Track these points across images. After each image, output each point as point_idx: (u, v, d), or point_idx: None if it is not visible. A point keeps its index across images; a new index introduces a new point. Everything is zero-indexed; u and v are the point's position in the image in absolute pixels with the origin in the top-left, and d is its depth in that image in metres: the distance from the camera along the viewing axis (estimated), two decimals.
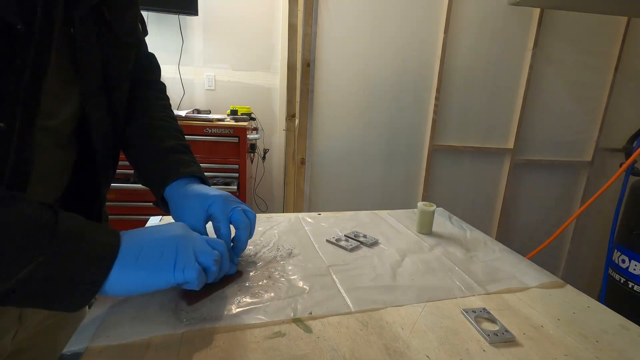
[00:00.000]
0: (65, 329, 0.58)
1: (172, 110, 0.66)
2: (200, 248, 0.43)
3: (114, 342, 0.38)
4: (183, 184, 0.55)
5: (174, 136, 0.61)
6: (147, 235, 0.41)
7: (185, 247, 0.42)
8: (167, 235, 0.42)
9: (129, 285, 0.38)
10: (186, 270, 0.40)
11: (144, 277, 0.38)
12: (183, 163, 0.57)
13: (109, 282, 0.37)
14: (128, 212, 1.89)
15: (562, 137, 2.00)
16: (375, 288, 0.52)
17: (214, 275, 0.44)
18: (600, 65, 1.92)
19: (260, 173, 2.56)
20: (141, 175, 0.60)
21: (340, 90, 1.73)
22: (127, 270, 0.38)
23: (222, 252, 0.46)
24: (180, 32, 2.26)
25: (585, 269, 2.24)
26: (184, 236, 0.43)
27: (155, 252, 0.40)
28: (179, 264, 0.40)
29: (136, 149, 0.60)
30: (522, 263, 0.63)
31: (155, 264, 0.39)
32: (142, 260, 0.39)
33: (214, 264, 0.43)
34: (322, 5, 1.62)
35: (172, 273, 0.39)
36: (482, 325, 0.45)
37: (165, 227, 0.44)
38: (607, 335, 0.45)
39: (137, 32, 0.57)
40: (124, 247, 0.39)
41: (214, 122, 1.92)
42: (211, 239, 0.47)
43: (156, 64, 0.67)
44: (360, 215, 0.82)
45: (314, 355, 0.38)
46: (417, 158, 1.89)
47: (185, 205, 0.53)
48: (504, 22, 1.78)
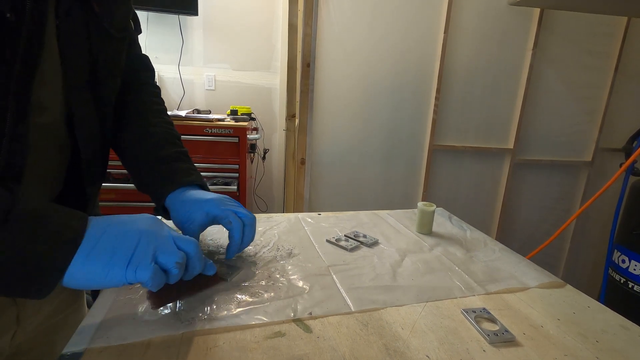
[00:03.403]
0: (64, 331, 0.57)
1: (168, 115, 0.65)
2: (163, 247, 0.39)
3: (114, 342, 0.38)
4: (182, 191, 0.56)
5: (172, 143, 0.60)
6: (109, 225, 0.38)
7: (146, 243, 0.38)
8: (131, 227, 0.38)
9: (78, 277, 0.34)
10: (139, 269, 0.36)
11: (94, 271, 0.35)
12: (182, 172, 0.58)
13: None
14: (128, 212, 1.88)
15: (562, 137, 2.00)
16: (375, 288, 0.52)
17: (176, 279, 0.40)
18: (600, 65, 1.92)
19: (260, 173, 2.56)
20: (139, 182, 0.59)
21: (340, 90, 1.73)
22: (79, 261, 0.34)
23: (191, 252, 0.41)
24: (180, 32, 2.26)
25: (585, 269, 2.24)
26: (148, 231, 0.39)
27: (111, 244, 0.36)
28: (134, 261, 0.36)
29: (133, 155, 0.59)
30: (522, 263, 0.63)
31: (108, 258, 0.35)
32: (96, 250, 0.35)
33: (175, 266, 0.38)
34: (322, 5, 1.62)
35: (124, 271, 0.35)
36: (482, 325, 0.45)
37: (133, 218, 0.40)
38: (607, 335, 0.45)
39: (129, 28, 0.56)
40: (88, 233, 0.35)
41: (214, 122, 1.92)
42: (181, 237, 0.42)
43: (150, 66, 0.67)
44: (360, 215, 0.82)
45: (314, 355, 0.38)
46: (417, 158, 1.89)
47: (183, 210, 0.53)
48: (504, 22, 1.78)
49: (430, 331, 0.43)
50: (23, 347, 0.51)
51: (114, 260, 0.36)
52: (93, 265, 0.35)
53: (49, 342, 0.56)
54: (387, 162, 1.86)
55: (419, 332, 0.43)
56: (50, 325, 0.55)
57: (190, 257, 0.42)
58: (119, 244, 0.36)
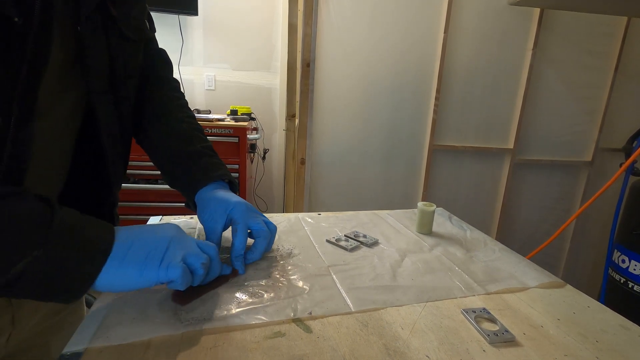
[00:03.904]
0: (61, 333, 0.57)
1: (189, 108, 0.67)
2: (190, 250, 0.43)
3: (114, 342, 0.38)
4: (211, 189, 0.58)
5: (198, 138, 0.62)
6: (140, 233, 0.42)
7: (175, 247, 0.42)
8: (159, 234, 0.42)
9: (114, 281, 0.38)
10: (170, 268, 0.39)
11: (129, 273, 0.38)
12: (212, 167, 0.60)
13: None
14: (128, 212, 1.89)
15: (562, 137, 2.00)
16: (375, 288, 0.52)
17: (200, 279, 0.44)
18: (600, 65, 1.92)
19: (260, 173, 2.56)
20: (170, 178, 0.62)
21: (340, 90, 1.73)
22: (114, 266, 0.37)
23: (212, 255, 0.46)
24: (180, 32, 2.26)
25: (585, 269, 2.24)
26: (175, 237, 0.43)
27: (144, 249, 0.40)
28: (165, 262, 0.40)
29: (162, 152, 0.61)
30: (522, 263, 0.63)
31: (142, 261, 0.39)
32: (130, 256, 0.39)
33: (201, 267, 0.43)
34: (322, 5, 1.62)
35: (157, 271, 0.39)
36: (482, 325, 0.45)
37: (159, 227, 0.44)
38: (607, 335, 0.45)
39: (145, 28, 0.57)
40: (117, 243, 0.39)
41: (214, 122, 1.93)
42: (203, 242, 0.47)
43: (168, 60, 0.68)
44: (360, 215, 0.82)
45: (314, 355, 0.38)
46: (417, 158, 1.89)
47: (208, 209, 0.55)
48: (504, 22, 1.78)
49: (430, 331, 0.43)
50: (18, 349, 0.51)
51: (147, 262, 0.39)
52: (128, 268, 0.38)
53: (44, 344, 0.55)
54: (387, 162, 1.86)
55: (419, 332, 0.43)
56: (47, 326, 0.55)
57: (211, 259, 0.46)
58: (151, 248, 0.40)
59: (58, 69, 0.42)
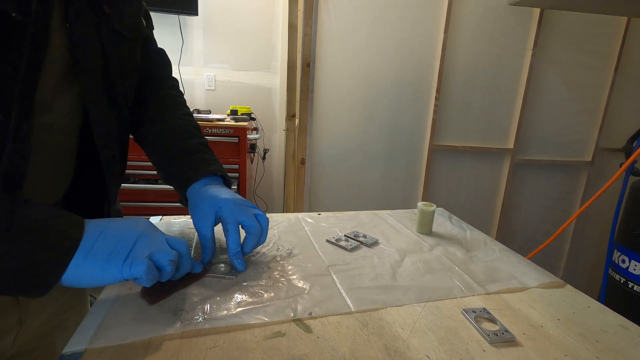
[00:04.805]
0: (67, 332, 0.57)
1: (187, 106, 0.67)
2: (158, 246, 0.42)
3: (114, 342, 0.38)
4: (202, 184, 0.57)
5: (193, 134, 0.62)
6: (108, 228, 0.40)
7: (143, 243, 0.41)
8: (129, 230, 0.41)
9: (76, 277, 0.37)
10: (134, 265, 0.38)
11: (91, 270, 0.37)
12: (204, 162, 0.59)
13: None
14: (128, 212, 1.89)
15: (562, 137, 2.00)
16: (375, 288, 0.52)
17: (168, 276, 0.43)
18: (600, 65, 1.92)
19: (260, 173, 2.56)
20: (163, 174, 0.61)
21: (340, 90, 1.73)
22: (78, 262, 0.37)
23: (182, 252, 0.45)
24: (180, 32, 2.26)
25: (585, 269, 2.24)
26: (143, 233, 0.42)
27: (109, 244, 0.39)
28: (129, 259, 0.39)
29: (158, 149, 0.61)
30: (522, 263, 0.63)
31: (106, 256, 0.38)
32: (93, 253, 0.38)
33: (169, 264, 0.42)
34: (322, 5, 1.62)
35: (120, 268, 0.38)
36: (482, 325, 0.45)
37: (130, 221, 0.43)
38: (607, 335, 0.45)
39: (141, 27, 0.56)
40: (85, 238, 0.38)
41: (214, 122, 1.92)
42: (173, 238, 0.46)
43: (166, 60, 0.67)
44: (360, 215, 0.82)
45: (314, 355, 0.38)
46: (417, 158, 1.89)
47: (197, 206, 0.54)
48: (504, 22, 1.78)
49: (430, 331, 0.43)
50: (25, 348, 0.51)
51: (111, 258, 0.38)
52: (91, 264, 0.37)
53: (50, 343, 0.56)
54: (387, 162, 1.86)
55: (419, 332, 0.43)
56: (53, 326, 0.55)
57: (181, 256, 0.45)
58: (117, 245, 0.39)
59: (57, 65, 0.41)
